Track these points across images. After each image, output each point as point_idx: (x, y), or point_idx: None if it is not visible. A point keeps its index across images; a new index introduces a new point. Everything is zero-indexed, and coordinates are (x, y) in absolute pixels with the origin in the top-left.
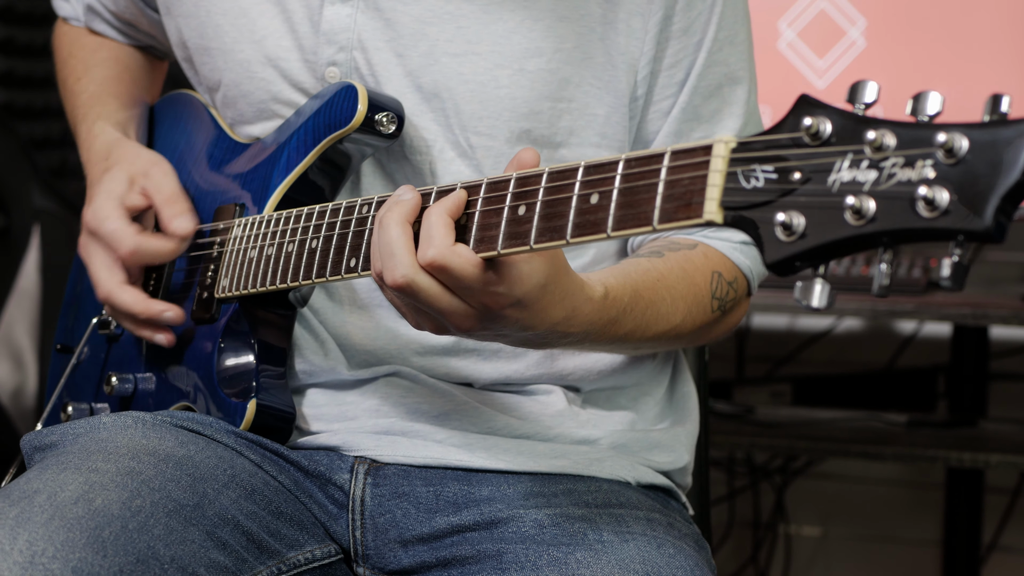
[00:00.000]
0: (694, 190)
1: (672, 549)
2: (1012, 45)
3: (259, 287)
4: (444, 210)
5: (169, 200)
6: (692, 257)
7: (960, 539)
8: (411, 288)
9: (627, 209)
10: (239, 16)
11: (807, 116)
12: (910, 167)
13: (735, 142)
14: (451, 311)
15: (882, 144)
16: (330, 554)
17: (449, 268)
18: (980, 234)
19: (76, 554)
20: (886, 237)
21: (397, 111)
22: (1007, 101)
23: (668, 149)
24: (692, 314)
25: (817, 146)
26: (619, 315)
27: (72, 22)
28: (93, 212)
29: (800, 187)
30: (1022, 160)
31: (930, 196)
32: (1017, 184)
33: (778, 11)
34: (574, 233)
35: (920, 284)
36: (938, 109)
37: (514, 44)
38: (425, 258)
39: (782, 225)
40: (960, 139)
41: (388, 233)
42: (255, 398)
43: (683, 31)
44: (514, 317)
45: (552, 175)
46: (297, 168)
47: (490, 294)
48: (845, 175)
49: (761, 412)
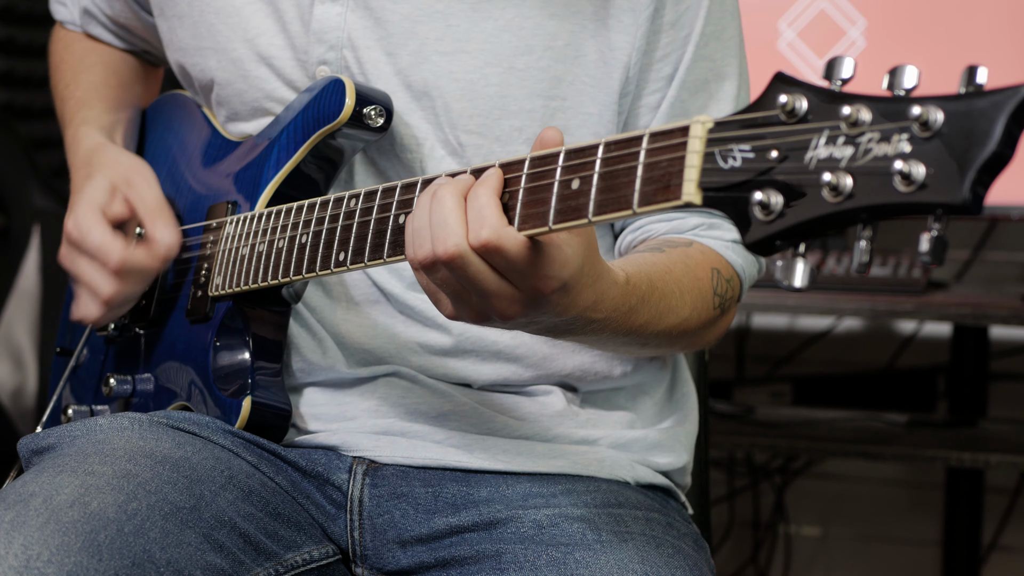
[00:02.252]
0: (672, 172)
1: (671, 549)
2: (1012, 45)
3: (251, 284)
4: (492, 190)
5: (153, 212)
6: (691, 254)
7: (960, 539)
8: (461, 260)
9: (607, 193)
10: (231, 15)
11: (783, 94)
12: (886, 142)
13: (712, 122)
14: (499, 294)
15: (857, 119)
16: (328, 555)
17: (504, 248)
18: (958, 207)
19: (71, 558)
20: (864, 213)
21: (385, 104)
22: (983, 72)
23: (647, 132)
24: (698, 309)
25: (793, 123)
26: (638, 303)
27: (69, 26)
28: (75, 223)
29: (777, 165)
30: (997, 131)
31: (906, 170)
32: (993, 155)
33: (778, 11)
34: (556, 219)
35: (920, 284)
36: (914, 83)
37: (504, 42)
38: (479, 239)
39: (760, 204)
40: (935, 112)
41: (443, 204)
42: (250, 395)
43: (672, 24)
44: (555, 301)
45: (533, 161)
46: (287, 164)
47: (541, 277)
48: (822, 152)
49: (761, 412)
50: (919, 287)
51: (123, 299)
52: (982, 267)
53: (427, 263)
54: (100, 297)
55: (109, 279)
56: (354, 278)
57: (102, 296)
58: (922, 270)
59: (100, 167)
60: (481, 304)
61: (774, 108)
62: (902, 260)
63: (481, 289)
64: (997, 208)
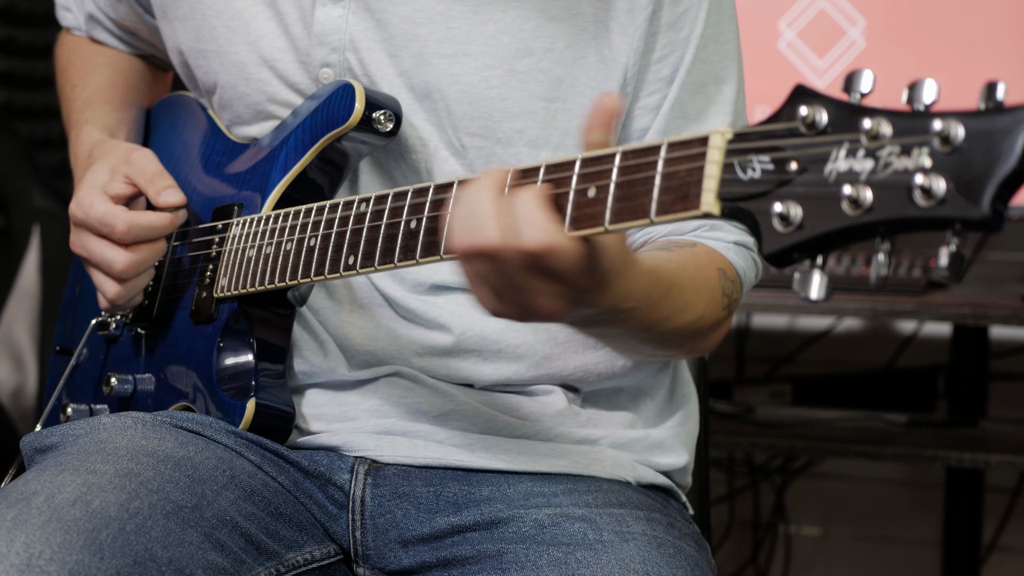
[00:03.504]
0: (691, 182)
1: (672, 549)
2: (1012, 45)
3: (257, 286)
4: (539, 193)
5: (153, 178)
6: (698, 254)
7: (960, 539)
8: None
9: (624, 202)
10: (233, 18)
11: (803, 106)
12: (907, 156)
13: (731, 133)
14: (545, 291)
15: (878, 133)
16: (329, 555)
17: (558, 250)
18: (977, 223)
19: (73, 556)
20: (883, 227)
21: (395, 109)
22: (1003, 88)
23: (664, 141)
24: (711, 307)
25: (813, 136)
26: (662, 296)
27: (74, 32)
28: (78, 203)
29: (797, 177)
30: (1018, 148)
31: (927, 185)
32: (1014, 172)
33: (778, 11)
34: (570, 228)
35: (920, 284)
36: (934, 98)
37: (504, 44)
38: (533, 241)
39: (779, 216)
40: (956, 127)
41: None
42: (254, 397)
43: (670, 25)
44: (596, 295)
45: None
46: (295, 167)
47: (588, 273)
48: (842, 164)
49: (761, 412)
50: (919, 287)
51: (136, 269)
52: (982, 267)
53: (468, 257)
54: (114, 271)
55: (120, 251)
56: (357, 281)
57: (116, 270)
58: (922, 270)
59: (100, 156)
60: (524, 301)
61: (794, 120)
62: (902, 260)
63: (525, 285)
64: None
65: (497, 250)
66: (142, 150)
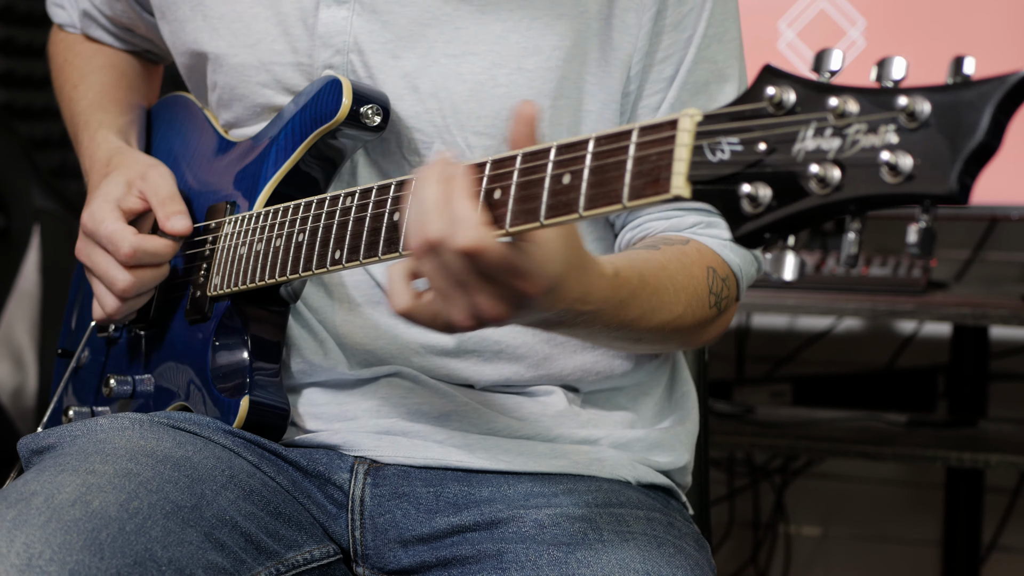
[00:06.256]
0: (661, 165)
1: (672, 549)
2: (1012, 45)
3: (249, 283)
4: (465, 189)
5: (164, 201)
6: (687, 251)
7: (960, 539)
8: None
9: (598, 188)
10: (233, 20)
11: (771, 86)
12: (873, 133)
13: (700, 115)
14: (487, 291)
15: (845, 111)
16: (329, 554)
17: (484, 252)
18: (945, 197)
19: (73, 556)
20: (852, 205)
21: (382, 103)
22: (970, 62)
23: (636, 126)
24: (692, 307)
25: (781, 116)
26: (628, 297)
27: (68, 29)
28: (90, 214)
29: (765, 158)
30: (984, 121)
31: (894, 161)
32: (980, 146)
33: (778, 11)
34: (547, 215)
35: (920, 284)
36: (903, 74)
37: (512, 43)
38: (460, 243)
39: (748, 197)
40: (922, 103)
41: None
42: (248, 395)
43: (674, 25)
44: (542, 298)
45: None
46: (285, 164)
47: (523, 276)
48: (810, 144)
49: (761, 412)
50: (919, 287)
51: (137, 290)
52: (982, 267)
53: (418, 250)
54: (115, 288)
55: (122, 270)
56: (356, 279)
57: (117, 288)
58: (922, 270)
59: (118, 167)
60: (469, 305)
61: (762, 100)
62: (902, 260)
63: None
64: (997, 208)
65: (439, 243)
66: (159, 167)
